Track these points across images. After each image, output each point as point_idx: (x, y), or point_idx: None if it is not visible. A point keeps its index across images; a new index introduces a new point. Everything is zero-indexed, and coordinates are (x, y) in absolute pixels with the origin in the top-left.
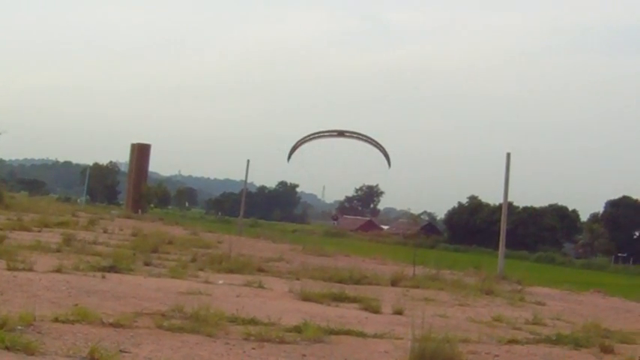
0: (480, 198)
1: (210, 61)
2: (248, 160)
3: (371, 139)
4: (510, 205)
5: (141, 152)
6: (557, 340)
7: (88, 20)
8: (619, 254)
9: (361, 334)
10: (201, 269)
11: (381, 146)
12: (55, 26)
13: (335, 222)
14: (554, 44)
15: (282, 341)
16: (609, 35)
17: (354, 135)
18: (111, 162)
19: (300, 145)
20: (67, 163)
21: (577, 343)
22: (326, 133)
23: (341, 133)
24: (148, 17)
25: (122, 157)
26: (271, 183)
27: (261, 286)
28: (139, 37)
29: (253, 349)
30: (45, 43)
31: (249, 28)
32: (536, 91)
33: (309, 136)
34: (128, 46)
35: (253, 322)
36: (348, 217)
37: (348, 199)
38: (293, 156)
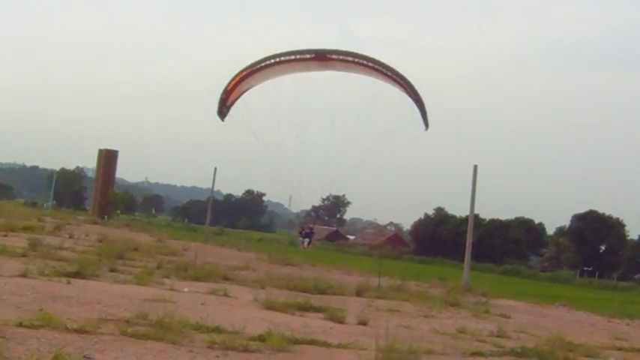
0: (446, 210)
1: (180, 70)
2: (215, 168)
3: (383, 66)
4: (477, 217)
5: (108, 158)
6: (522, 353)
7: (57, 26)
8: (585, 268)
9: (325, 344)
10: (166, 276)
11: (407, 83)
12: (23, 30)
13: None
14: (523, 60)
15: (246, 350)
16: (574, 51)
17: (350, 59)
18: (78, 167)
19: (243, 86)
20: (34, 168)
21: (541, 357)
22: (292, 57)
23: (322, 56)
24: (118, 26)
25: (89, 162)
26: (238, 191)
27: (226, 295)
28: (110, 44)
29: (217, 357)
30: (13, 47)
31: (218, 38)
32: (504, 105)
33: (258, 65)
34: (98, 53)
35: (218, 330)
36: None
37: (315, 209)
38: (237, 104)
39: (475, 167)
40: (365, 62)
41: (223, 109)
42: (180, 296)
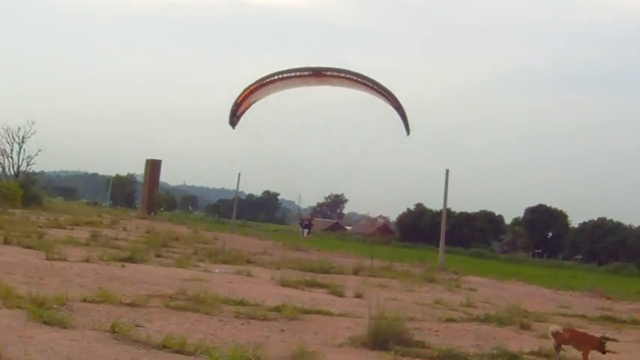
0: (424, 205)
1: (210, 95)
2: (239, 174)
3: (370, 81)
4: (449, 210)
5: (153, 166)
6: (486, 319)
7: (117, 63)
8: (536, 250)
9: (329, 314)
10: (201, 260)
11: (390, 95)
12: (94, 69)
13: (305, 230)
14: (487, 85)
15: (265, 319)
16: (523, 77)
17: (342, 75)
18: (129, 174)
19: (251, 98)
20: (95, 174)
21: (501, 322)
22: (293, 74)
23: (318, 73)
24: (162, 67)
25: (139, 170)
26: (258, 192)
27: (249, 275)
28: (156, 77)
29: (242, 325)
30: (83, 81)
31: (238, 70)
32: (471, 121)
33: (264, 81)
34: (147, 83)
35: (242, 303)
36: (319, 219)
37: (320, 205)
38: (244, 118)
39: (447, 171)
40: (355, 77)
41: (234, 118)
42: (213, 276)
